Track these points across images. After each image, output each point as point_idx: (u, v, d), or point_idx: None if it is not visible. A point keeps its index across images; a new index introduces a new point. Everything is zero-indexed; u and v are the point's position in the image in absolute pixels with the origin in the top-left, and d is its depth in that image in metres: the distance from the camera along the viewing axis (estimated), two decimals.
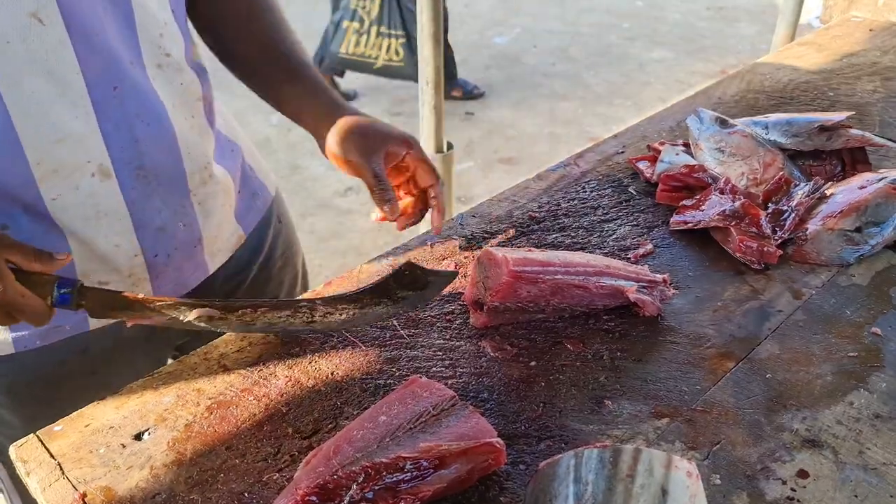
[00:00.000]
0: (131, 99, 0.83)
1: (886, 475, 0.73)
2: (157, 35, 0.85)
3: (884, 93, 1.47)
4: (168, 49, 0.87)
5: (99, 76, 0.80)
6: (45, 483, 0.72)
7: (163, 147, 0.88)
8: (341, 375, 0.84)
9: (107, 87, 0.81)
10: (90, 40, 0.78)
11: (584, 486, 0.59)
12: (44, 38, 0.75)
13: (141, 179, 0.87)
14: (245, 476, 0.73)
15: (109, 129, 0.82)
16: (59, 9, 0.75)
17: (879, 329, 0.90)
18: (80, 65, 0.78)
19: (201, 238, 0.96)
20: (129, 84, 0.83)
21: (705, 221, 1.05)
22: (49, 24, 0.75)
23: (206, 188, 0.94)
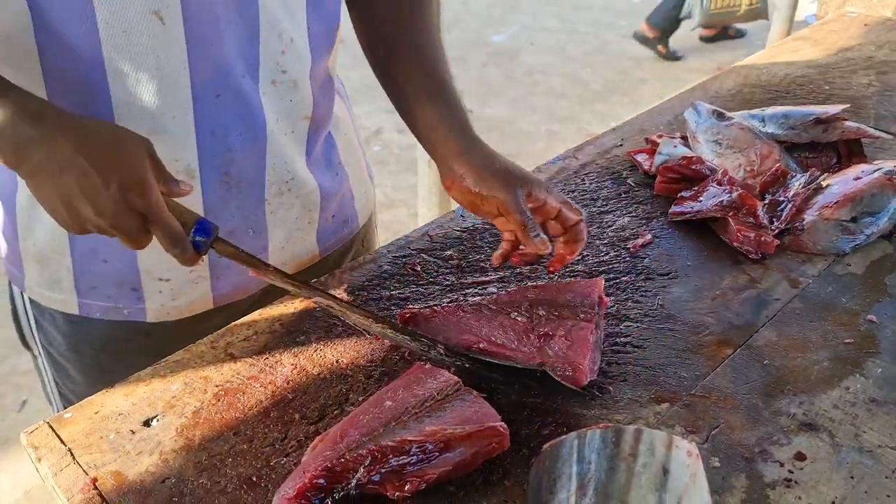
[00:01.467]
0: (231, 109, 0.84)
1: (882, 457, 0.74)
2: (278, 52, 0.86)
3: (878, 86, 1.49)
4: (286, 66, 0.87)
5: (206, 82, 0.82)
6: (56, 468, 0.73)
7: (251, 157, 0.89)
8: (346, 363, 0.86)
9: (210, 94, 0.82)
10: (205, 47, 0.80)
11: (586, 465, 0.60)
12: (160, 37, 0.77)
13: (223, 185, 0.88)
14: (253, 461, 0.74)
15: (205, 135, 0.84)
16: (182, 12, 0.77)
17: (875, 316, 0.92)
18: (190, 69, 0.80)
19: (267, 247, 0.97)
20: (233, 94, 0.84)
21: (703, 212, 1.07)
22: (168, 25, 0.77)
23: (281, 199, 0.95)
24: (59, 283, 0.93)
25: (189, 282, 0.94)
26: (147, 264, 0.91)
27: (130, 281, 0.92)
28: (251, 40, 0.84)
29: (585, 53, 5.09)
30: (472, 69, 4.71)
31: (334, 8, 0.92)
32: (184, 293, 0.94)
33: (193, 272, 0.93)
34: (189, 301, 0.95)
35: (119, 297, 0.93)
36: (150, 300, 0.94)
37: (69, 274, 0.91)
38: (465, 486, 0.71)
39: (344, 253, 1.11)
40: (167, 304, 0.95)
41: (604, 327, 0.89)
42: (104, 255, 0.90)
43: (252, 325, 0.91)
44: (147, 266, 0.91)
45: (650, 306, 0.94)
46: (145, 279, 0.92)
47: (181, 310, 0.96)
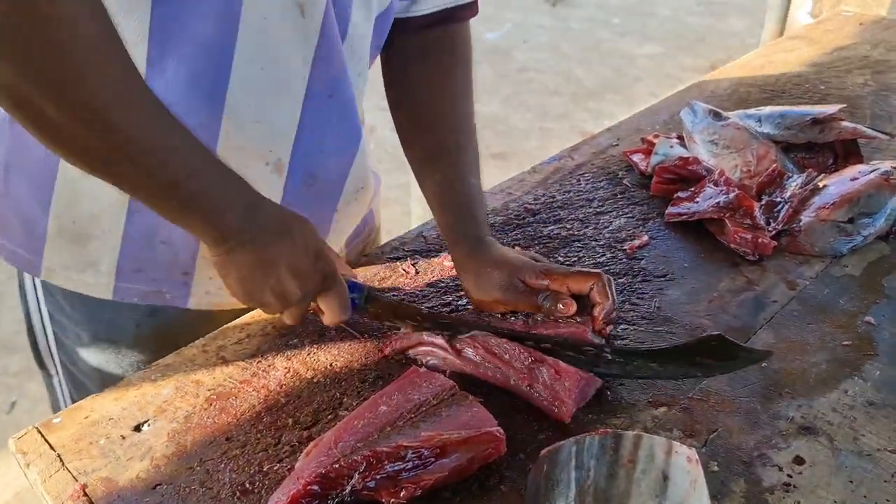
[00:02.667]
0: (336, 111, 0.84)
1: (881, 461, 0.74)
2: (356, 76, 0.87)
3: (874, 86, 1.48)
4: (358, 87, 0.89)
5: (322, 81, 0.81)
6: (45, 475, 0.72)
7: (339, 162, 0.89)
8: (340, 366, 0.85)
9: (323, 93, 0.82)
10: (332, 47, 0.80)
11: (585, 472, 0.59)
12: (296, 29, 0.77)
13: (306, 185, 0.88)
14: (246, 466, 0.73)
15: (305, 131, 0.83)
16: (325, 9, 0.77)
17: (872, 318, 0.91)
18: (313, 65, 0.80)
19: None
20: (341, 97, 0.84)
21: (700, 213, 1.06)
22: (308, 18, 0.76)
23: (348, 208, 0.95)
24: (96, 265, 0.88)
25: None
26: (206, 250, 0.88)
27: (184, 265, 0.89)
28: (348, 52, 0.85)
29: (579, 51, 5.08)
30: None
31: (387, 30, 0.92)
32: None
33: None
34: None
35: (164, 282, 0.90)
36: (197, 286, 0.91)
37: (113, 254, 0.87)
38: (461, 491, 0.70)
39: (358, 255, 1.11)
40: (212, 291, 0.92)
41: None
42: (163, 237, 0.87)
43: (244, 328, 0.90)
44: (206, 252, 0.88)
45: (647, 309, 0.93)
46: (201, 263, 0.89)
47: (223, 301, 0.93)
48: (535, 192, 1.16)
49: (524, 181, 1.20)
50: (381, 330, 0.89)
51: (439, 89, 0.97)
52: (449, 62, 0.98)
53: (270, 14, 0.75)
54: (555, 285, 0.85)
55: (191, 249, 0.88)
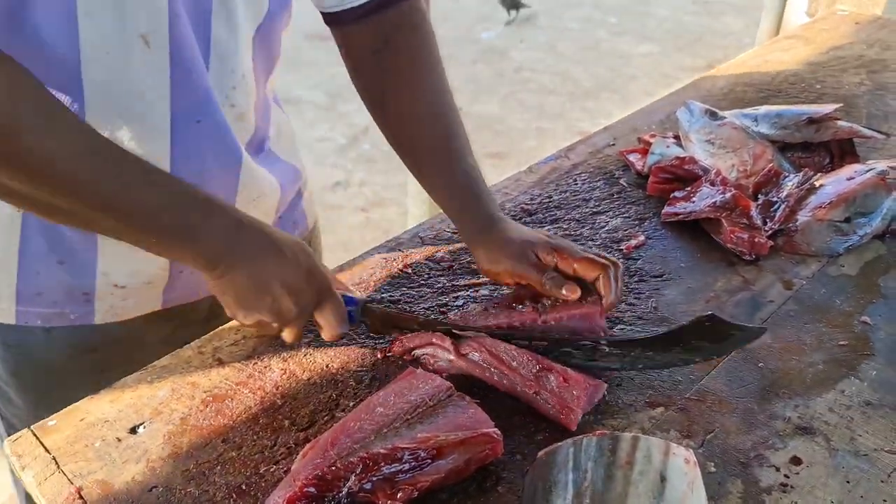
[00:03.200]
0: (209, 135, 0.84)
1: (877, 461, 0.74)
2: (229, 88, 0.86)
3: (870, 85, 1.48)
4: (235, 101, 0.87)
5: (186, 107, 0.81)
6: (40, 477, 0.72)
7: (224, 181, 0.88)
8: (336, 368, 0.84)
9: (190, 119, 0.82)
10: (186, 72, 0.79)
11: (582, 473, 0.59)
12: (145, 61, 0.76)
13: None
14: (242, 468, 0.73)
15: (180, 159, 0.83)
16: (169, 38, 0.76)
17: (869, 318, 0.92)
18: (172, 94, 0.79)
19: None
20: (211, 120, 0.83)
21: (696, 213, 1.06)
22: (154, 48, 0.76)
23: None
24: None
25: (145, 291, 0.91)
26: (107, 267, 0.88)
27: (83, 285, 0.88)
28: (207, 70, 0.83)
29: (575, 50, 5.08)
30: (461, 66, 4.70)
31: (277, 38, 0.92)
32: (135, 295, 0.92)
33: (150, 283, 0.91)
34: (138, 301, 0.93)
35: (67, 303, 0.89)
36: (99, 302, 0.90)
37: (11, 278, 0.87)
38: (458, 493, 0.70)
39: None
40: (116, 304, 0.91)
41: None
42: (60, 257, 0.86)
43: (240, 330, 0.90)
44: (106, 269, 0.88)
45: (644, 309, 0.93)
46: (101, 284, 0.88)
47: (129, 310, 0.93)
48: (531, 192, 1.16)
49: (520, 181, 1.19)
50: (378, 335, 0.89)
51: (412, 73, 0.94)
52: (412, 41, 0.94)
53: (112, 50, 0.74)
54: (563, 264, 0.84)
55: (90, 268, 0.88)
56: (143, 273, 0.90)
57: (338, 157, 3.73)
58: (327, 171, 3.60)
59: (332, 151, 3.78)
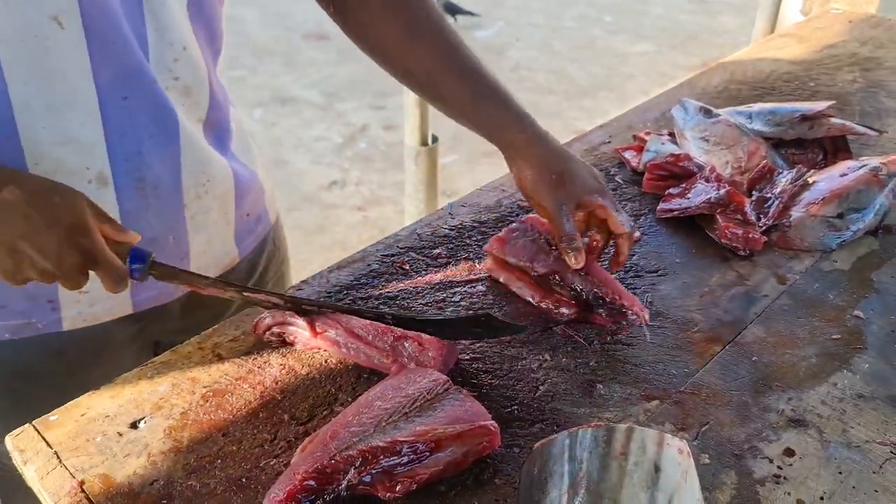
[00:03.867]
0: (141, 111, 0.83)
1: (869, 452, 0.75)
2: (170, 60, 0.84)
3: (863, 83, 1.50)
4: (179, 74, 0.86)
5: (111, 85, 0.80)
6: (42, 472, 0.72)
7: (166, 159, 0.87)
8: (335, 363, 0.85)
9: (117, 97, 0.81)
10: (107, 49, 0.78)
11: (578, 464, 0.60)
12: (61, 42, 0.75)
13: (139, 191, 0.86)
14: (242, 462, 0.74)
15: (115, 139, 0.82)
16: (81, 15, 0.75)
17: (861, 312, 0.93)
18: (94, 72, 0.78)
19: (188, 252, 0.95)
20: (141, 95, 0.82)
21: (691, 209, 1.07)
22: (68, 29, 0.75)
23: (200, 203, 0.93)
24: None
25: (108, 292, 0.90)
26: None
27: (46, 293, 0.87)
28: (142, 45, 0.82)
29: (571, 49, 5.09)
30: None
31: (216, 15, 0.91)
32: (102, 300, 0.91)
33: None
34: (107, 307, 0.92)
35: (33, 312, 0.88)
36: (66, 309, 0.89)
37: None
38: (456, 485, 0.71)
39: (259, 252, 1.09)
40: (84, 310, 0.90)
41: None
42: None
43: (239, 325, 0.90)
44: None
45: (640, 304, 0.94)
46: (63, 291, 0.88)
47: (98, 316, 0.92)
48: None
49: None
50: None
51: (413, 5, 0.96)
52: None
53: (25, 35, 0.73)
54: (602, 212, 0.90)
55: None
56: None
57: (334, 157, 3.73)
58: (324, 171, 3.61)
59: (328, 151, 3.78)
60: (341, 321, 0.85)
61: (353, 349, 0.84)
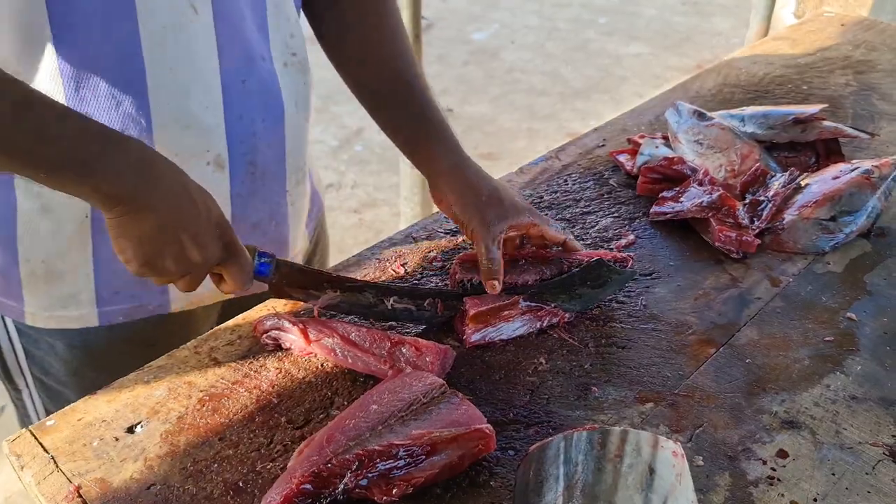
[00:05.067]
0: (256, 94, 0.85)
1: (862, 453, 0.75)
2: (287, 35, 0.87)
3: (856, 86, 1.50)
4: (295, 49, 0.88)
5: (233, 69, 0.82)
6: (39, 476, 0.73)
7: (273, 144, 0.89)
8: (331, 367, 0.85)
9: (237, 80, 0.83)
10: (231, 33, 0.81)
11: (573, 467, 0.60)
12: (195, 27, 0.78)
13: (249, 175, 0.88)
14: (239, 466, 0.74)
15: (233, 122, 0.84)
16: (212, 0, 0.78)
17: (854, 314, 0.93)
18: (220, 56, 0.80)
19: (288, 238, 0.98)
20: (257, 79, 0.85)
21: (684, 212, 1.08)
22: (201, 13, 0.77)
23: (298, 189, 0.95)
24: (75, 297, 0.89)
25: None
26: None
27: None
28: (262, 21, 0.84)
29: (565, 51, 5.10)
30: (453, 67, 4.71)
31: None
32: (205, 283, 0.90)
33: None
34: (209, 288, 0.90)
35: (143, 295, 0.91)
36: (174, 289, 0.92)
37: (89, 283, 0.88)
38: (452, 488, 0.72)
39: (317, 239, 1.12)
40: (190, 293, 0.90)
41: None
42: None
43: (236, 330, 0.91)
44: None
45: (633, 307, 0.94)
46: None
47: (201, 297, 0.94)
48: (522, 193, 1.17)
49: (512, 182, 1.21)
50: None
51: (378, 22, 0.98)
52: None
53: (167, 20, 0.76)
54: (534, 230, 0.92)
55: None
56: None
57: (330, 160, 3.73)
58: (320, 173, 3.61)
59: (324, 153, 3.78)
60: (337, 329, 0.85)
61: (349, 357, 0.84)
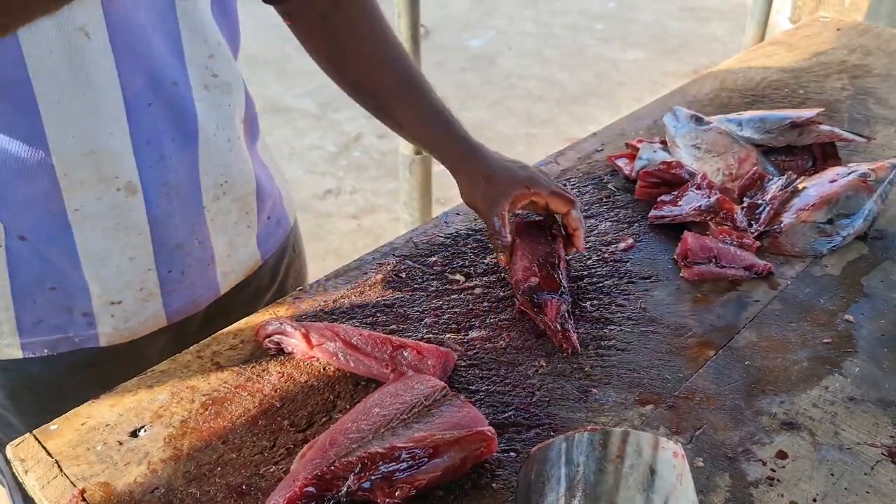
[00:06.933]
0: (163, 117, 0.84)
1: (860, 454, 0.76)
2: (205, 58, 0.86)
3: (851, 90, 1.51)
4: (217, 70, 0.88)
5: (137, 93, 0.81)
6: (43, 480, 0.73)
7: (186, 163, 0.88)
8: (333, 370, 0.86)
9: (143, 104, 0.82)
10: (133, 58, 0.79)
11: (575, 468, 0.61)
12: (88, 52, 0.76)
13: (164, 196, 0.87)
14: (242, 469, 0.74)
15: (141, 146, 0.83)
16: (106, 24, 0.76)
17: (852, 316, 0.94)
18: (121, 81, 0.79)
19: (214, 256, 0.97)
20: (164, 102, 0.83)
21: (682, 216, 1.08)
22: (94, 38, 0.76)
23: (218, 204, 0.94)
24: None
25: (140, 300, 0.91)
26: (98, 290, 0.88)
27: (82, 307, 0.88)
28: (175, 47, 0.83)
29: (563, 57, 5.12)
30: (450, 73, 4.72)
31: (233, 10, 0.93)
32: (136, 314, 0.92)
33: (143, 290, 0.90)
34: (142, 320, 0.93)
35: (69, 326, 0.89)
36: (101, 325, 0.90)
37: (8, 313, 0.86)
38: (454, 490, 0.72)
39: (280, 256, 1.11)
40: (120, 326, 0.91)
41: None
42: (52, 283, 0.86)
43: (238, 334, 0.91)
44: (98, 292, 0.88)
45: (633, 310, 0.95)
46: (97, 304, 0.89)
47: (134, 331, 0.93)
48: None
49: None
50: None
51: (365, 27, 1.00)
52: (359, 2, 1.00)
53: (54, 47, 0.74)
54: (538, 198, 0.96)
55: (83, 289, 0.87)
56: (127, 274, 0.89)
57: (328, 166, 3.74)
58: (318, 180, 3.61)
59: (322, 160, 3.79)
60: (339, 333, 0.85)
61: (351, 361, 0.85)
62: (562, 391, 0.83)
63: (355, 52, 1.00)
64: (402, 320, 0.93)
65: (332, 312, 0.94)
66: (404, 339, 0.85)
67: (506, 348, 0.89)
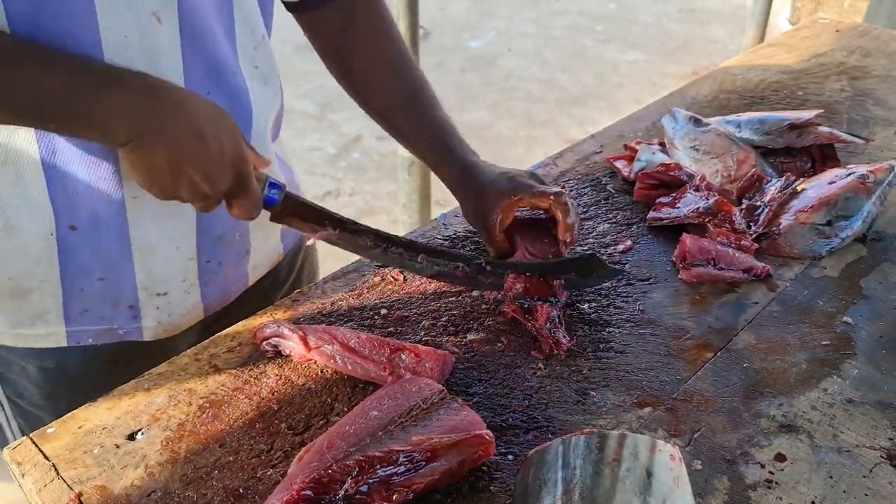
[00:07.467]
0: (221, 105, 0.84)
1: (859, 457, 0.76)
2: (251, 49, 0.88)
3: (850, 91, 1.51)
4: (258, 61, 0.89)
5: (198, 80, 0.82)
6: (40, 484, 0.73)
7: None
8: (331, 373, 0.86)
9: (202, 91, 0.83)
10: (197, 45, 0.80)
11: (572, 471, 0.61)
12: (159, 38, 0.77)
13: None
14: (239, 472, 0.74)
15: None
16: (178, 10, 0.77)
17: (850, 318, 0.94)
18: (185, 67, 0.80)
19: (249, 250, 0.98)
20: (221, 90, 0.85)
21: (680, 218, 1.08)
22: (166, 24, 0.77)
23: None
24: (43, 316, 0.88)
25: (183, 292, 0.93)
26: (145, 281, 0.90)
27: (128, 298, 0.90)
28: (230, 35, 0.85)
29: (562, 58, 5.12)
30: (450, 75, 4.73)
31: (271, 2, 0.95)
32: (178, 306, 0.93)
33: (185, 281, 0.93)
34: (182, 313, 0.95)
35: (115, 318, 0.91)
36: (146, 318, 0.92)
37: (56, 301, 0.87)
38: (452, 493, 0.72)
39: (297, 249, 1.13)
40: (164, 320, 0.94)
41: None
42: (100, 273, 0.87)
43: (236, 337, 0.91)
44: (145, 282, 0.90)
45: (631, 311, 0.95)
46: (143, 296, 0.90)
47: (176, 325, 0.95)
48: None
49: None
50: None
51: (378, 43, 1.03)
52: (373, 15, 1.03)
53: (130, 32, 0.75)
54: (522, 203, 0.97)
55: (130, 282, 0.89)
56: (173, 263, 0.90)
57: (328, 167, 3.74)
58: (318, 181, 3.61)
59: (322, 161, 3.79)
60: (337, 336, 0.85)
61: (349, 363, 0.85)
62: (560, 394, 0.83)
63: (367, 67, 1.04)
64: (400, 323, 0.93)
65: (329, 315, 0.94)
66: (402, 342, 0.85)
67: (504, 351, 0.89)
